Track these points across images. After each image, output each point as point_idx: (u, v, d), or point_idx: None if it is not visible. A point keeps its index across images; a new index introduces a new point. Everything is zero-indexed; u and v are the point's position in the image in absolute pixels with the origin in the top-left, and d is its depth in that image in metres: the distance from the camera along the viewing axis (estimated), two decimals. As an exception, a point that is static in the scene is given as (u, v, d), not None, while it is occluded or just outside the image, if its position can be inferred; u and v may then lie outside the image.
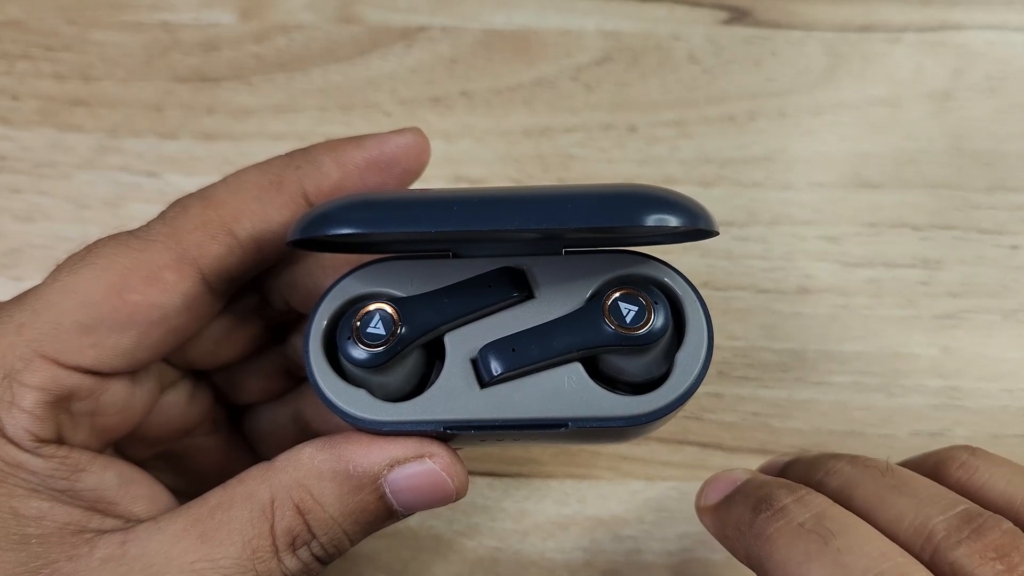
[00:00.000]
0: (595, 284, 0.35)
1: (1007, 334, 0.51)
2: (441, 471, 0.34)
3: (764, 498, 0.36)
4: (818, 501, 0.35)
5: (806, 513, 0.34)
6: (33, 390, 0.33)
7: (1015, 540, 0.32)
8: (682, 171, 0.55)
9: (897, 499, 0.35)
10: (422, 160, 0.38)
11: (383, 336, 0.33)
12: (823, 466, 0.38)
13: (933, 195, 0.54)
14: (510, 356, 0.33)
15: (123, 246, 0.35)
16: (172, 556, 0.33)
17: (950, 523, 0.33)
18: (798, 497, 0.35)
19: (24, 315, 0.34)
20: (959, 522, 0.33)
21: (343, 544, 0.35)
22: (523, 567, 0.48)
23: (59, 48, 0.59)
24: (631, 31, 0.58)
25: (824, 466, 0.38)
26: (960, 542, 0.33)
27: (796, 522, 0.34)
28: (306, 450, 0.34)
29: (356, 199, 0.32)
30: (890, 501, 0.35)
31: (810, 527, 0.34)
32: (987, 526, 0.33)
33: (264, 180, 0.37)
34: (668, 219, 0.30)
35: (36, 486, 0.33)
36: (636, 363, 0.34)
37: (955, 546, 0.32)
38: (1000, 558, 0.32)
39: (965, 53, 0.57)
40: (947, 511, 0.34)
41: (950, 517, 0.33)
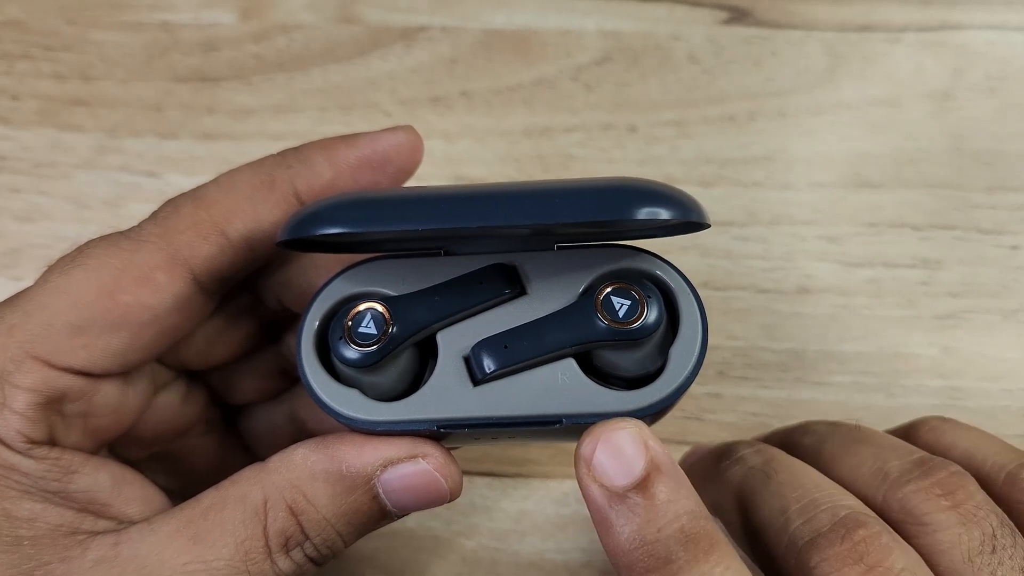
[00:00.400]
0: (587, 279, 0.34)
1: (1007, 334, 0.51)
2: (435, 471, 0.34)
3: (726, 451, 0.39)
4: (770, 450, 0.38)
5: (758, 459, 0.38)
6: (25, 392, 0.33)
7: (961, 480, 0.34)
8: (682, 171, 0.55)
9: (860, 449, 0.37)
10: (415, 159, 0.38)
11: (375, 335, 0.33)
12: (801, 426, 0.42)
13: (933, 195, 0.54)
14: (503, 353, 0.33)
15: (114, 247, 0.35)
16: (165, 557, 0.33)
17: (903, 466, 0.35)
18: (755, 449, 0.39)
19: (15, 316, 0.34)
20: (912, 465, 0.35)
21: (337, 545, 0.35)
22: (522, 568, 0.48)
23: (59, 48, 0.59)
24: (631, 31, 0.58)
25: (802, 427, 0.42)
26: (910, 481, 0.34)
27: (749, 466, 0.38)
28: (299, 451, 0.34)
29: (344, 199, 0.32)
30: (853, 450, 0.38)
31: (759, 468, 0.37)
32: (936, 467, 0.35)
33: (256, 180, 0.37)
34: (659, 212, 0.30)
35: (28, 488, 0.33)
36: (630, 358, 0.34)
37: (905, 484, 0.34)
38: (945, 495, 0.34)
39: (965, 53, 0.57)
40: (903, 457, 0.36)
41: (904, 462, 0.36)
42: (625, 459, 0.31)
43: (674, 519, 0.31)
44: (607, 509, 0.31)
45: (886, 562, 0.32)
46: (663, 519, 0.30)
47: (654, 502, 0.30)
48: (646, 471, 0.31)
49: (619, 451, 0.31)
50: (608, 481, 0.31)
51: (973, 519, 0.33)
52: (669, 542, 0.30)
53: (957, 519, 0.33)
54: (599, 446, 0.31)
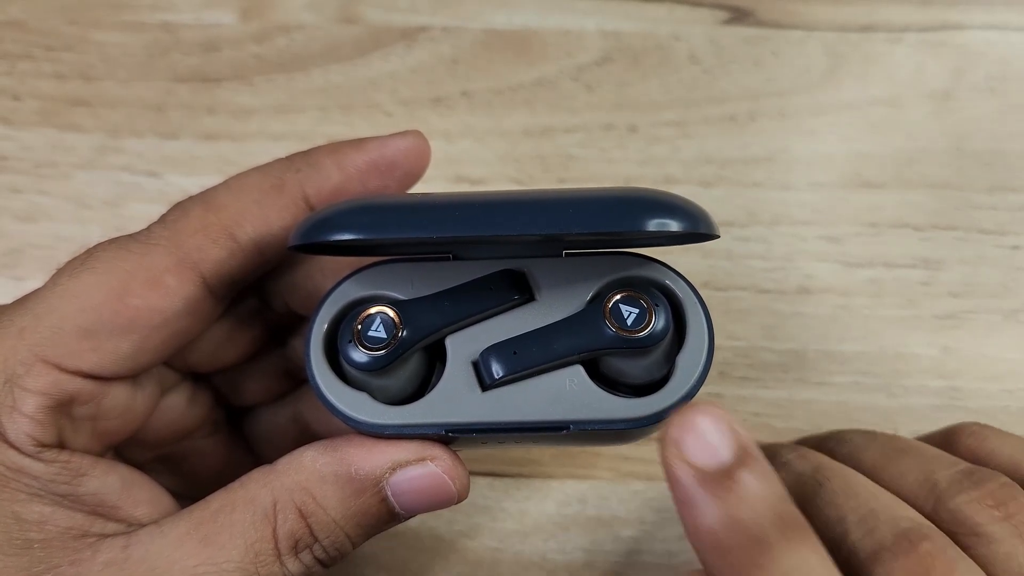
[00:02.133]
0: (596, 286, 0.35)
1: (1008, 334, 0.51)
2: (443, 474, 0.34)
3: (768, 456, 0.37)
4: (816, 456, 0.38)
5: (806, 465, 0.37)
6: (34, 395, 0.33)
7: (1012, 491, 0.34)
8: (682, 171, 0.55)
9: (903, 459, 0.37)
10: (423, 163, 0.38)
11: (384, 339, 0.33)
12: (834, 436, 0.41)
13: (934, 195, 0.54)
14: (511, 359, 0.33)
15: (124, 250, 0.35)
16: (175, 560, 0.33)
17: (952, 477, 0.35)
18: (800, 454, 0.39)
19: (25, 319, 0.34)
20: (960, 476, 0.35)
21: (345, 547, 0.35)
22: (524, 568, 0.48)
23: (60, 48, 0.59)
24: (631, 31, 0.58)
25: (835, 436, 0.41)
26: (960, 492, 0.34)
27: (796, 472, 0.37)
28: (308, 453, 0.34)
29: (357, 204, 0.32)
30: (896, 460, 0.37)
31: (808, 475, 0.37)
32: (986, 478, 0.35)
33: (265, 183, 0.37)
34: (669, 224, 0.30)
35: (38, 491, 0.33)
36: (637, 365, 0.34)
37: (955, 495, 0.34)
38: (997, 506, 0.34)
39: (966, 53, 0.57)
40: (950, 468, 0.36)
41: (952, 472, 0.35)
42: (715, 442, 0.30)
43: (767, 502, 0.30)
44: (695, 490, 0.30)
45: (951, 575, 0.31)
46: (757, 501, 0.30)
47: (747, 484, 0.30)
48: (737, 454, 0.30)
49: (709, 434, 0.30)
50: (699, 461, 0.30)
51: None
52: (764, 523, 0.30)
53: (1011, 531, 0.33)
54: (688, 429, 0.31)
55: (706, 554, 0.31)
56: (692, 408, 0.31)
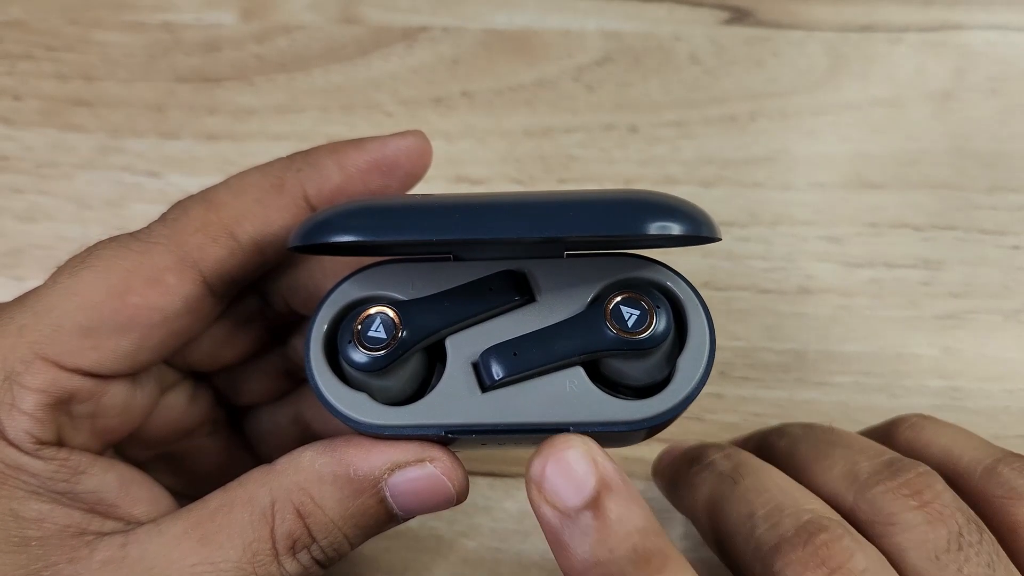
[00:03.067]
0: (596, 288, 0.34)
1: (1008, 334, 0.51)
2: (442, 475, 0.34)
3: (697, 456, 0.40)
4: (740, 455, 0.39)
5: (728, 464, 0.39)
6: (34, 392, 0.33)
7: (928, 480, 0.35)
8: (683, 171, 0.55)
9: (833, 451, 0.38)
10: (424, 163, 0.38)
11: (384, 340, 0.33)
12: (777, 429, 0.42)
13: (934, 195, 0.54)
14: (512, 360, 0.33)
15: (124, 248, 0.35)
16: (172, 559, 0.33)
17: (873, 467, 0.36)
18: (725, 453, 0.40)
19: (25, 317, 0.34)
20: (881, 466, 0.36)
21: (343, 547, 0.35)
22: (524, 568, 0.48)
23: (61, 48, 0.59)
24: (632, 31, 0.58)
25: (777, 429, 0.42)
26: (879, 481, 0.35)
27: (718, 471, 0.38)
28: (307, 453, 0.34)
29: (357, 206, 0.32)
30: (826, 453, 0.38)
31: (727, 474, 0.38)
32: (905, 467, 0.36)
33: (265, 182, 0.37)
34: (671, 227, 0.30)
35: (36, 488, 0.33)
36: (638, 367, 0.34)
37: (873, 485, 0.35)
38: (913, 495, 0.35)
39: (966, 53, 0.57)
40: (873, 458, 0.37)
41: (875, 463, 0.36)
42: (575, 478, 0.31)
43: (625, 538, 0.30)
44: (560, 530, 0.31)
45: (848, 564, 0.32)
46: (615, 538, 0.30)
47: (606, 521, 0.30)
48: (596, 490, 0.30)
49: (569, 470, 0.31)
50: (559, 502, 0.31)
51: (940, 517, 0.34)
52: (621, 562, 0.30)
53: (924, 518, 0.34)
54: (548, 465, 0.31)
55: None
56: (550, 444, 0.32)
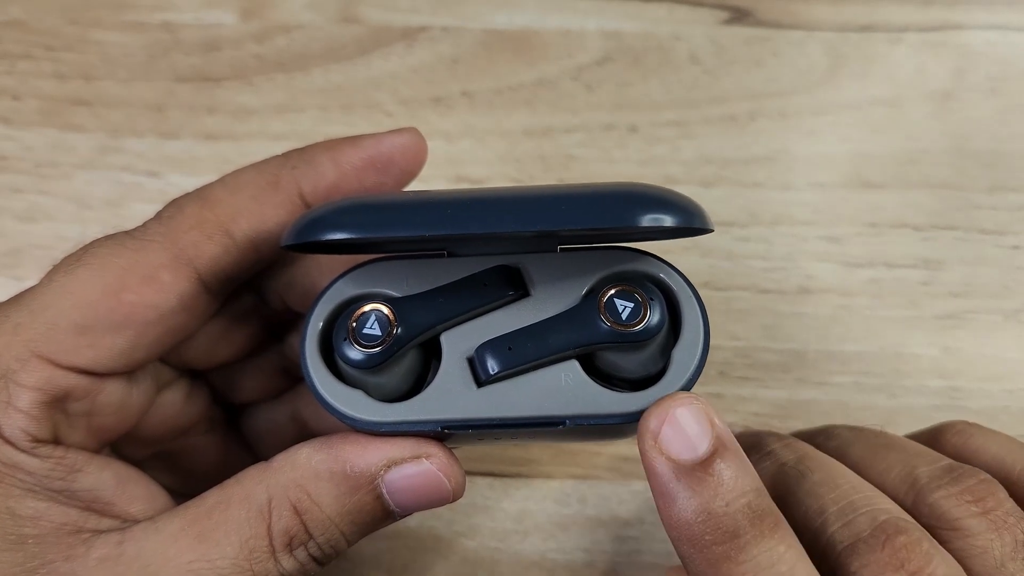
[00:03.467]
0: (590, 281, 0.34)
1: (1008, 334, 0.51)
2: (438, 471, 0.34)
3: (755, 444, 0.39)
4: (802, 446, 0.38)
5: (791, 455, 0.38)
6: (29, 390, 0.33)
7: (991, 487, 0.35)
8: (683, 171, 0.55)
9: (887, 454, 0.38)
10: (419, 160, 0.38)
11: (379, 337, 0.33)
12: (823, 431, 0.42)
13: (934, 195, 0.54)
14: (506, 355, 0.33)
15: (119, 246, 0.35)
16: (169, 556, 0.33)
17: (933, 472, 0.36)
18: (785, 443, 0.39)
19: (20, 315, 0.34)
20: (941, 472, 0.36)
21: (340, 544, 0.35)
22: (524, 568, 0.48)
23: (60, 48, 0.59)
24: (632, 31, 0.58)
25: (824, 431, 0.41)
26: (940, 487, 0.35)
27: (780, 462, 0.37)
28: (303, 450, 0.34)
29: (349, 203, 0.32)
30: (881, 456, 0.38)
31: (792, 465, 0.37)
32: (966, 474, 0.35)
33: (261, 180, 0.37)
34: (663, 219, 0.30)
35: (33, 486, 0.33)
36: (632, 360, 0.34)
37: (935, 490, 0.35)
38: (976, 501, 0.34)
39: (966, 53, 0.57)
40: (932, 464, 0.36)
41: (934, 468, 0.36)
42: (692, 434, 0.31)
43: (741, 495, 0.31)
44: (672, 482, 0.31)
45: (927, 569, 0.32)
46: (731, 494, 0.31)
47: (722, 477, 0.31)
48: (713, 447, 0.31)
49: (687, 426, 0.31)
50: (676, 454, 0.31)
51: (1004, 525, 0.34)
52: (737, 516, 0.31)
53: (988, 525, 0.34)
54: (667, 420, 0.31)
55: (681, 545, 0.32)
56: (670, 399, 0.32)
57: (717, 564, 0.31)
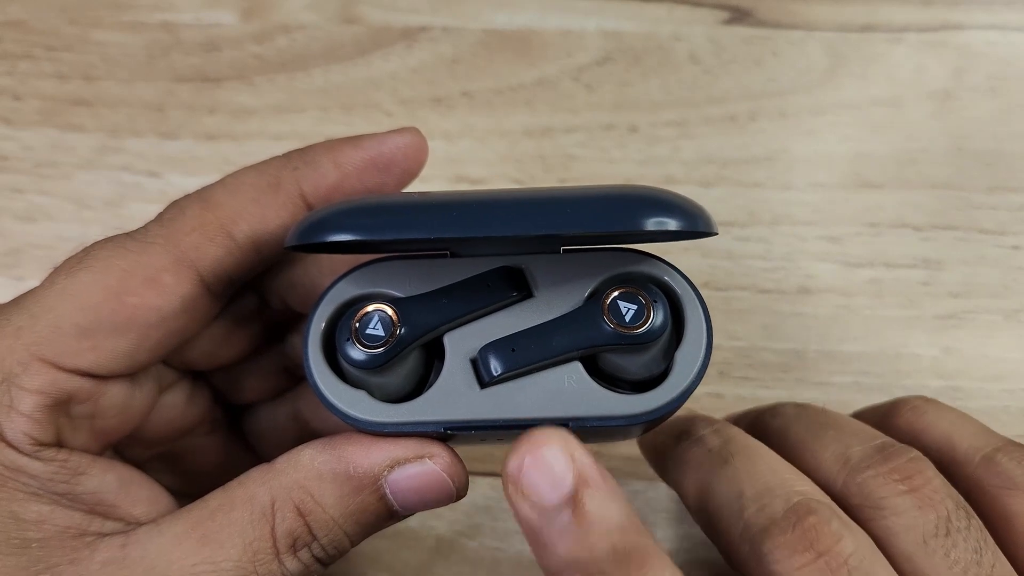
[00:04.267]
0: (594, 283, 0.34)
1: (1008, 334, 0.51)
2: (441, 471, 0.34)
3: (685, 429, 0.40)
4: (730, 431, 0.39)
5: (717, 440, 0.38)
6: (32, 394, 0.33)
7: (919, 465, 0.35)
8: (683, 171, 0.55)
9: (825, 433, 0.38)
10: (420, 160, 0.38)
11: (382, 337, 0.33)
12: (771, 408, 0.42)
13: (934, 195, 0.54)
14: (510, 356, 0.33)
15: (121, 248, 0.35)
16: (173, 559, 0.33)
17: (865, 452, 0.36)
18: (714, 428, 0.39)
19: (22, 318, 0.34)
20: (872, 451, 0.36)
21: (344, 545, 0.35)
22: (524, 567, 0.48)
23: (61, 48, 0.59)
24: (632, 31, 0.58)
25: (772, 408, 0.42)
26: (869, 466, 0.35)
27: (707, 448, 0.38)
28: (306, 451, 0.34)
29: (353, 205, 0.32)
30: (819, 435, 0.38)
31: (716, 451, 0.37)
32: (896, 453, 0.36)
33: (262, 181, 0.37)
34: (667, 222, 0.30)
35: (36, 490, 0.33)
36: (636, 361, 0.34)
37: (864, 469, 0.35)
38: (903, 479, 0.35)
39: (966, 53, 0.57)
40: (865, 443, 0.36)
41: (866, 447, 0.36)
42: (553, 474, 0.30)
43: (604, 536, 0.30)
44: (539, 528, 0.30)
45: (836, 547, 0.32)
46: (593, 536, 0.30)
47: (584, 518, 0.30)
48: (575, 486, 0.30)
49: (547, 466, 0.30)
50: (537, 498, 0.30)
51: (929, 502, 0.34)
52: (601, 561, 0.30)
53: (913, 503, 0.34)
54: (526, 461, 0.30)
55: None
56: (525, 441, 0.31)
57: None
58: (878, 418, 0.41)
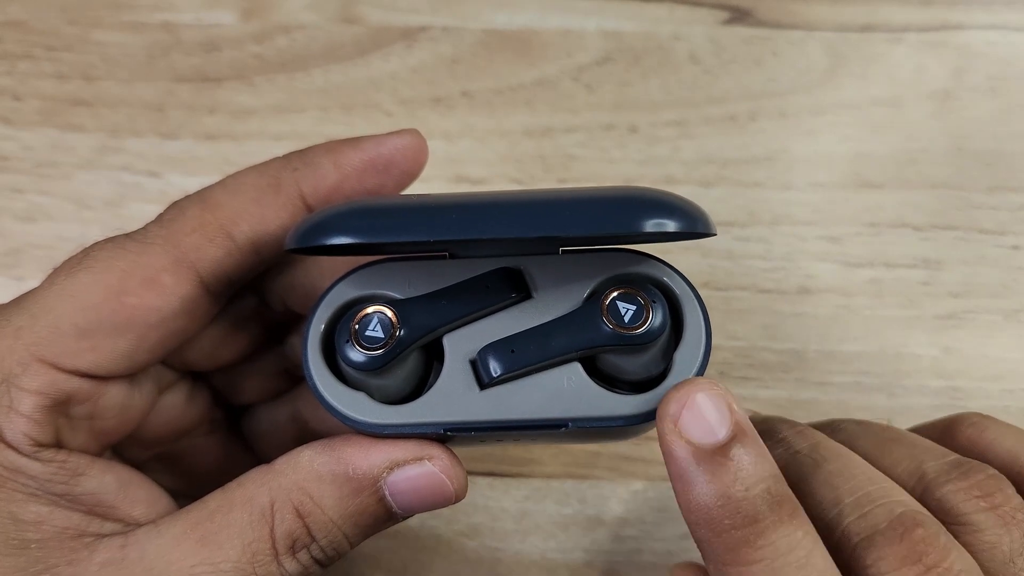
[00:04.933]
0: (593, 283, 0.34)
1: (1008, 334, 0.51)
2: (440, 473, 0.34)
3: (766, 431, 0.38)
4: (815, 433, 0.38)
5: (803, 443, 0.37)
6: (31, 394, 0.33)
7: (998, 483, 0.35)
8: (683, 171, 0.55)
9: (895, 448, 0.37)
10: (420, 161, 0.38)
11: (382, 339, 0.33)
12: (829, 424, 0.41)
13: (934, 195, 0.54)
14: (509, 357, 0.33)
15: (120, 249, 0.35)
16: (172, 560, 0.33)
17: (940, 467, 0.35)
18: (798, 430, 0.38)
19: (22, 319, 0.34)
20: (948, 466, 0.35)
21: (343, 546, 0.35)
22: (524, 567, 0.48)
23: (61, 48, 0.59)
24: (632, 31, 0.58)
25: (830, 424, 0.41)
26: (948, 481, 0.35)
27: (794, 450, 0.37)
28: (305, 453, 0.34)
29: (353, 207, 0.32)
30: (888, 450, 0.37)
31: (806, 454, 0.36)
32: (974, 469, 0.35)
33: (262, 182, 0.37)
34: (666, 224, 0.30)
35: (35, 491, 0.33)
36: (635, 362, 0.34)
37: (943, 484, 0.35)
38: (984, 496, 0.34)
39: (966, 53, 0.57)
40: (940, 458, 0.36)
41: (941, 463, 0.36)
42: (712, 419, 0.31)
43: (760, 480, 0.31)
44: (691, 466, 0.31)
45: (944, 563, 0.31)
46: (750, 479, 0.31)
47: (741, 463, 0.31)
48: (732, 432, 0.31)
49: (706, 410, 0.31)
50: (695, 438, 0.31)
51: (1012, 521, 0.34)
52: (756, 501, 0.31)
53: (996, 521, 0.34)
54: (686, 405, 0.31)
55: (699, 529, 0.32)
56: (690, 384, 0.31)
57: (735, 549, 0.31)
58: (936, 435, 0.40)
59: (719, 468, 0.31)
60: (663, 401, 0.32)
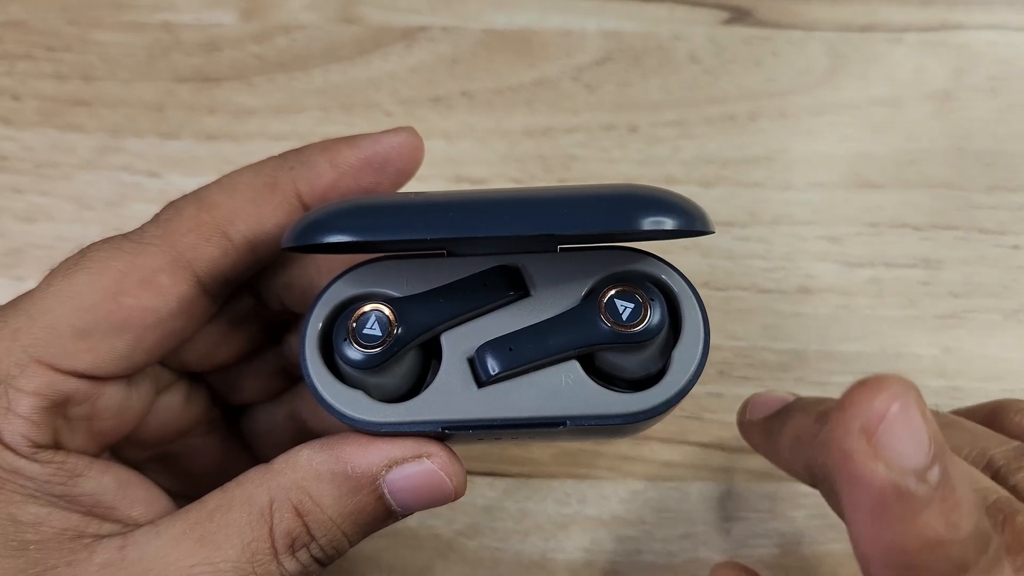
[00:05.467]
0: (591, 281, 0.34)
1: (1008, 334, 0.51)
2: (439, 471, 0.34)
3: (827, 411, 0.35)
4: None
5: None
6: (29, 396, 0.33)
7: None
8: (683, 171, 0.55)
9: (953, 434, 0.36)
10: (416, 160, 0.38)
11: (379, 337, 0.33)
12: None
13: (934, 195, 0.54)
14: (507, 355, 0.33)
15: (117, 249, 0.35)
16: (171, 560, 0.33)
17: (1007, 454, 0.35)
18: None
19: (19, 320, 0.34)
20: (1016, 453, 0.35)
21: (342, 545, 0.35)
22: (524, 567, 0.48)
23: (60, 48, 0.59)
24: (632, 31, 0.58)
25: None
26: (1021, 468, 0.34)
27: None
28: (304, 452, 0.34)
29: (350, 205, 0.32)
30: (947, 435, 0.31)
31: None
32: None
33: (258, 181, 0.37)
34: (664, 221, 0.30)
35: (34, 492, 0.33)
36: (633, 360, 0.34)
37: (1016, 471, 0.34)
38: None
39: (966, 53, 0.57)
40: (1002, 445, 0.35)
41: (1006, 450, 0.35)
42: (916, 435, 0.25)
43: (969, 512, 0.26)
44: (891, 497, 0.25)
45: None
46: (960, 512, 0.26)
47: (952, 490, 0.25)
48: (935, 452, 0.25)
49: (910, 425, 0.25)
50: (900, 461, 0.25)
51: None
52: (967, 544, 0.26)
53: None
54: (882, 417, 0.25)
55: (884, 570, 0.27)
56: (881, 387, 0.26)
57: None
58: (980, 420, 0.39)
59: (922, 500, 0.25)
60: (843, 406, 0.26)
